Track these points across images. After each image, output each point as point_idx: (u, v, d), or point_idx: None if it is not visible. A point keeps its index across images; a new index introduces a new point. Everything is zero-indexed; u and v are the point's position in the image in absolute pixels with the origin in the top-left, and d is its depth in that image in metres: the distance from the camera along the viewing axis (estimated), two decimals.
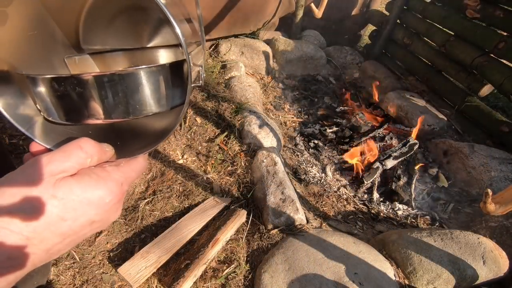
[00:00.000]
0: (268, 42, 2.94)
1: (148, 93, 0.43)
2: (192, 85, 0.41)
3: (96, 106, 0.41)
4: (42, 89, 0.42)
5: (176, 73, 0.46)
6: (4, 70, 0.40)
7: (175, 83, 0.46)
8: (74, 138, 0.41)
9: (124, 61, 0.55)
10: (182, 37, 0.38)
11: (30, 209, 0.32)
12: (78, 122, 0.44)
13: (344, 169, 2.01)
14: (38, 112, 0.44)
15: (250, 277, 1.32)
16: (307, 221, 1.56)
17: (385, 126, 2.17)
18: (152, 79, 0.43)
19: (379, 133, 2.14)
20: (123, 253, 1.37)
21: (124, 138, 0.47)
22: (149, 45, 0.55)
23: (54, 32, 0.48)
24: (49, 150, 0.42)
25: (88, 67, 0.52)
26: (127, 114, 0.43)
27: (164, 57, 0.55)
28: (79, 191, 0.34)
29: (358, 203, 1.81)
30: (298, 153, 2.09)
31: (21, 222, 0.31)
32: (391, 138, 2.15)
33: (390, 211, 1.80)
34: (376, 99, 2.10)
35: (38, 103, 0.43)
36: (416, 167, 1.95)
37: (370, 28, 3.50)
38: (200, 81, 0.44)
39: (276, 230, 1.48)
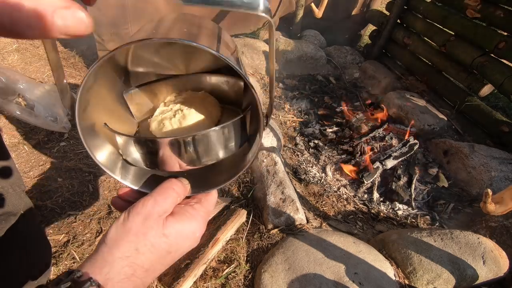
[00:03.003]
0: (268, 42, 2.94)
1: (217, 146, 0.49)
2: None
3: (170, 159, 0.47)
4: (124, 142, 0.48)
5: (241, 121, 0.51)
6: (95, 123, 0.47)
7: (241, 129, 0.52)
8: (157, 175, 0.51)
9: (170, 88, 0.60)
10: (260, 101, 0.46)
11: (149, 248, 0.40)
12: (155, 168, 0.49)
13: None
14: (120, 156, 0.50)
15: (250, 276, 1.32)
16: (307, 221, 1.56)
17: (385, 126, 2.17)
18: (220, 135, 0.48)
19: (379, 133, 2.14)
20: None
21: (196, 173, 0.53)
22: (194, 72, 0.59)
23: (116, 71, 0.52)
24: (137, 191, 0.49)
25: (142, 99, 0.58)
26: (199, 164, 0.49)
27: (210, 81, 0.60)
28: (180, 228, 0.43)
29: (358, 203, 1.81)
30: (298, 153, 2.09)
31: (144, 258, 0.40)
32: (391, 138, 2.15)
33: (390, 211, 1.80)
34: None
35: (121, 150, 0.50)
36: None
37: (370, 28, 3.50)
38: (266, 125, 0.50)
39: (276, 229, 1.48)
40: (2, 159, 0.78)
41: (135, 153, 0.49)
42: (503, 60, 2.15)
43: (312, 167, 1.99)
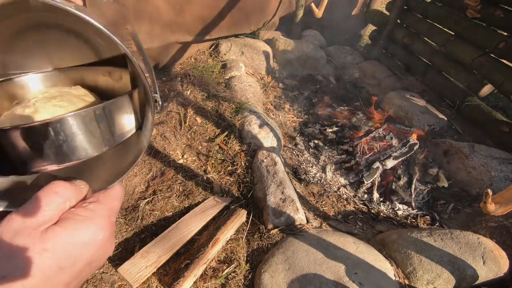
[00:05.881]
0: (268, 42, 2.94)
1: (89, 136, 0.39)
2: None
3: (35, 156, 0.37)
4: None
5: (121, 104, 0.43)
6: None
7: (128, 113, 0.44)
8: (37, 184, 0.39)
9: (36, 86, 0.51)
10: (143, 73, 0.39)
11: (25, 270, 0.30)
12: (26, 172, 0.39)
13: (344, 169, 2.01)
14: None
15: (250, 277, 1.32)
16: (307, 221, 1.56)
17: (385, 126, 2.17)
18: (90, 120, 0.39)
19: (379, 133, 2.14)
20: (123, 252, 1.37)
21: (91, 170, 0.44)
22: (63, 66, 0.51)
23: None
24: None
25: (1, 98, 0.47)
26: (69, 160, 0.39)
27: (88, 75, 0.52)
28: (68, 237, 0.33)
29: (358, 203, 1.81)
30: (298, 153, 2.09)
31: (20, 285, 0.30)
32: (391, 138, 2.15)
33: (390, 211, 1.80)
34: None
35: None
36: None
37: (370, 28, 3.50)
38: (158, 108, 0.44)
39: (276, 230, 1.48)
40: None
41: None
42: (503, 60, 2.15)
43: (312, 167, 1.99)
